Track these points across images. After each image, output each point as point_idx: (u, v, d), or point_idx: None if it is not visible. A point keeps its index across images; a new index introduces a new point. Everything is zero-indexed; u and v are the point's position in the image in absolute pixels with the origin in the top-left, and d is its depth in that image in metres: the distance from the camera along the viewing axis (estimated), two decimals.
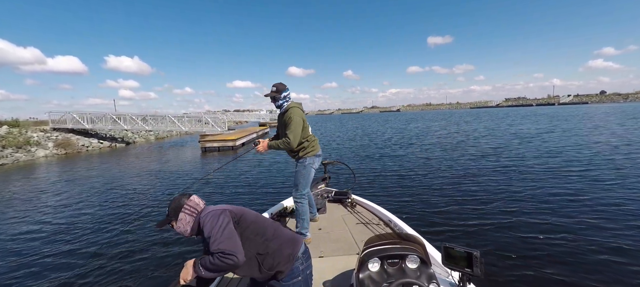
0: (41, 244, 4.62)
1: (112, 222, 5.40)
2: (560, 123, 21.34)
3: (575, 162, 8.04)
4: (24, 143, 15.45)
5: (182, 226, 1.38)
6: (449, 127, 23.29)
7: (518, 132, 16.35)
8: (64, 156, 16.33)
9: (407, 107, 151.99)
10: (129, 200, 6.97)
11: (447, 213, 4.82)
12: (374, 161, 10.31)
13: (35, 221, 5.70)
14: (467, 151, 11.14)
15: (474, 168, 8.03)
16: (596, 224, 4.09)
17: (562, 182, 6.19)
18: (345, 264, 2.19)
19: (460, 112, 71.78)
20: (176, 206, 1.39)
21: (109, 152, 17.99)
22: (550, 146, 10.99)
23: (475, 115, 43.54)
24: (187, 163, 12.23)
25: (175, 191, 7.70)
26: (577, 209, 4.66)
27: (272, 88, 2.60)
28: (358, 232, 2.75)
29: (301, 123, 2.56)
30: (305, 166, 2.67)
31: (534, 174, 6.94)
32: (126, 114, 20.13)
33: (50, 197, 7.50)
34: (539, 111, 48.04)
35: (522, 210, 4.75)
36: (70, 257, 4.11)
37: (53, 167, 12.80)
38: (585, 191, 5.52)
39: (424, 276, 1.45)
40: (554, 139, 12.84)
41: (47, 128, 18.80)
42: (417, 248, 1.54)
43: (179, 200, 1.40)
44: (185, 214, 1.38)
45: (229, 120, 44.33)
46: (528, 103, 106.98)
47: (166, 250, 4.12)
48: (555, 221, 4.27)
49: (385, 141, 15.91)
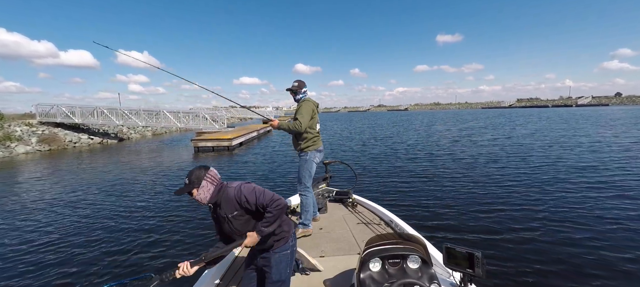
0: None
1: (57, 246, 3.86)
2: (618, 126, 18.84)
3: (590, 168, 7.55)
4: (3, 138, 14.13)
5: (203, 193, 1.50)
6: (500, 131, 19.67)
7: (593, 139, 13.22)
8: (48, 152, 14.98)
9: (415, 107, 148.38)
10: (89, 213, 5.47)
11: (448, 213, 4.77)
12: (376, 161, 9.88)
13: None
14: (481, 154, 10.42)
15: (478, 169, 7.89)
16: (602, 228, 4.00)
17: (572, 186, 6.01)
18: (346, 264, 2.19)
19: (475, 112, 69.02)
20: (198, 176, 1.49)
21: (99, 148, 16.63)
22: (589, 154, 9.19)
23: (501, 115, 40.96)
24: (174, 165, 10.64)
25: (151, 202, 6.17)
26: (583, 214, 4.54)
27: (294, 83, 2.89)
28: (359, 232, 2.76)
29: (310, 112, 2.77)
30: (307, 160, 2.83)
31: (542, 178, 6.74)
32: (118, 109, 18.73)
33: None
34: (565, 113, 45.06)
35: (523, 211, 4.73)
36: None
37: (27, 165, 11.40)
38: (592, 197, 5.29)
39: (425, 276, 1.45)
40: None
41: (34, 122, 17.50)
42: (419, 248, 1.53)
43: (200, 171, 1.51)
44: (207, 182, 1.51)
45: (232, 116, 43.08)
46: (543, 104, 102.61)
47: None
48: (557, 222, 4.23)
49: (410, 149, 14.06)
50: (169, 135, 24.76)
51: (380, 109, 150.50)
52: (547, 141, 12.94)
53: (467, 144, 13.09)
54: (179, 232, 4.55)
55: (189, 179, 1.48)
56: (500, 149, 11.34)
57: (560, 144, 11.80)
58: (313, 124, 2.82)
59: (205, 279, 2.00)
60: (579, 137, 13.75)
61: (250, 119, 49.56)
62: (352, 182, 4.30)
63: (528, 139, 13.85)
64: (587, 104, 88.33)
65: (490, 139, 14.75)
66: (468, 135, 17.05)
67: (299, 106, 2.80)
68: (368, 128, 26.50)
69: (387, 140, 16.00)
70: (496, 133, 17.30)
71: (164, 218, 5.20)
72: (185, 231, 4.59)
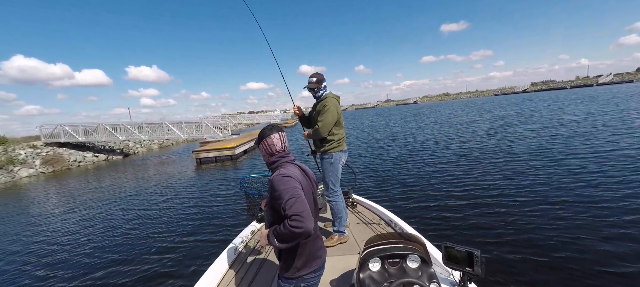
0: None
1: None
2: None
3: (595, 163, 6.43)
4: (6, 163, 13.88)
5: (262, 152, 1.45)
6: (539, 119, 17.73)
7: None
8: (51, 174, 14.66)
9: (424, 99, 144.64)
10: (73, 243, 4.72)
11: (448, 213, 4.67)
12: (377, 161, 9.13)
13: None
14: (478, 149, 9.57)
15: (479, 167, 7.32)
16: (603, 226, 3.73)
17: (574, 183, 5.42)
18: (346, 263, 2.19)
19: (493, 99, 66.17)
20: (260, 135, 1.45)
21: (105, 165, 16.27)
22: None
23: (529, 100, 38.62)
24: (174, 181, 9.92)
25: (147, 224, 5.41)
26: (585, 210, 4.23)
27: (311, 79, 2.56)
28: (359, 232, 2.76)
29: (335, 115, 2.50)
30: (332, 163, 2.60)
31: (546, 175, 6.05)
32: (121, 124, 18.36)
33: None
34: (605, 93, 42.21)
35: (524, 209, 4.51)
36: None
37: (28, 190, 10.98)
38: (600, 195, 4.75)
39: (425, 275, 1.44)
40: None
41: (38, 143, 17.33)
42: (418, 248, 1.53)
43: (263, 131, 1.45)
44: (262, 147, 1.44)
45: (238, 122, 42.67)
46: (561, 86, 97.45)
47: None
48: (558, 221, 4.03)
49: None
50: (176, 146, 24.39)
51: (389, 104, 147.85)
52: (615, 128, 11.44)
53: (512, 138, 11.63)
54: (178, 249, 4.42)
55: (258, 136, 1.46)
56: (561, 144, 9.09)
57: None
58: (340, 123, 2.58)
59: (205, 279, 2.02)
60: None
61: (258, 124, 49.13)
62: (351, 182, 4.09)
63: (581, 127, 12.25)
64: (609, 82, 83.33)
65: (535, 129, 12.79)
66: (504, 126, 15.58)
67: (322, 105, 2.50)
68: (381, 127, 25.28)
69: (422, 143, 13.88)
70: (537, 121, 15.45)
71: (163, 238, 4.83)
72: (186, 247, 4.46)
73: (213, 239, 4.65)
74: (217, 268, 2.19)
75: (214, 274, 2.12)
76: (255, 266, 2.30)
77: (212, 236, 4.77)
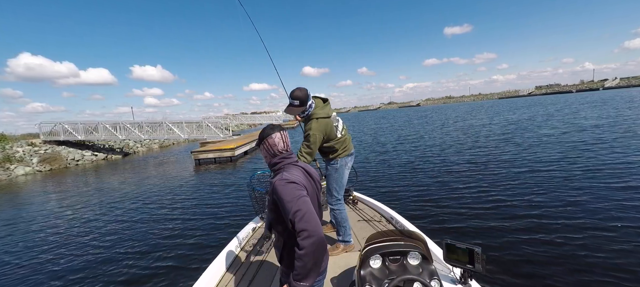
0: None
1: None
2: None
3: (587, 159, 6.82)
4: (2, 160, 13.60)
5: (264, 153, 1.40)
6: (553, 122, 17.27)
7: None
8: (49, 173, 14.37)
9: (427, 102, 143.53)
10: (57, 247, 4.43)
11: (448, 210, 4.65)
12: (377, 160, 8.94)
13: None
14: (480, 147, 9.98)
15: (478, 165, 7.47)
16: (604, 225, 3.71)
17: (572, 181, 5.50)
18: (347, 261, 2.20)
19: (497, 102, 65.43)
20: (260, 135, 1.39)
21: (104, 165, 15.96)
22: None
23: (538, 104, 37.86)
24: (173, 182, 9.54)
25: (142, 231, 5.10)
26: (585, 208, 4.23)
27: (293, 102, 2.18)
28: (359, 229, 2.75)
29: (319, 140, 2.26)
30: (337, 169, 2.43)
31: (543, 174, 6.19)
32: (121, 123, 18.07)
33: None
34: (615, 96, 41.48)
35: (524, 207, 4.49)
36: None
37: (22, 189, 10.65)
38: (595, 192, 4.81)
39: (426, 272, 1.44)
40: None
41: (37, 141, 17.07)
42: (419, 245, 1.52)
43: (264, 131, 1.38)
44: (263, 148, 1.39)
45: (240, 123, 42.39)
46: (566, 90, 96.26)
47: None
48: (558, 219, 4.01)
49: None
50: (177, 146, 24.10)
51: (391, 107, 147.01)
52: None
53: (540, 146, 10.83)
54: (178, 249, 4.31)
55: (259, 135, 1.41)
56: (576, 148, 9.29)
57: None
58: (332, 135, 2.34)
59: (205, 277, 2.00)
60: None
61: (260, 124, 48.83)
62: (352, 180, 4.10)
63: (603, 131, 11.81)
64: (616, 87, 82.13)
65: (558, 133, 12.47)
66: (518, 130, 15.10)
67: (306, 130, 2.25)
68: (385, 130, 24.81)
69: (433, 157, 14.10)
70: (552, 125, 14.89)
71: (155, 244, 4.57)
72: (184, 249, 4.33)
73: (213, 239, 4.63)
74: (217, 266, 2.17)
75: (214, 272, 2.11)
76: (256, 263, 2.28)
77: (211, 236, 4.75)
